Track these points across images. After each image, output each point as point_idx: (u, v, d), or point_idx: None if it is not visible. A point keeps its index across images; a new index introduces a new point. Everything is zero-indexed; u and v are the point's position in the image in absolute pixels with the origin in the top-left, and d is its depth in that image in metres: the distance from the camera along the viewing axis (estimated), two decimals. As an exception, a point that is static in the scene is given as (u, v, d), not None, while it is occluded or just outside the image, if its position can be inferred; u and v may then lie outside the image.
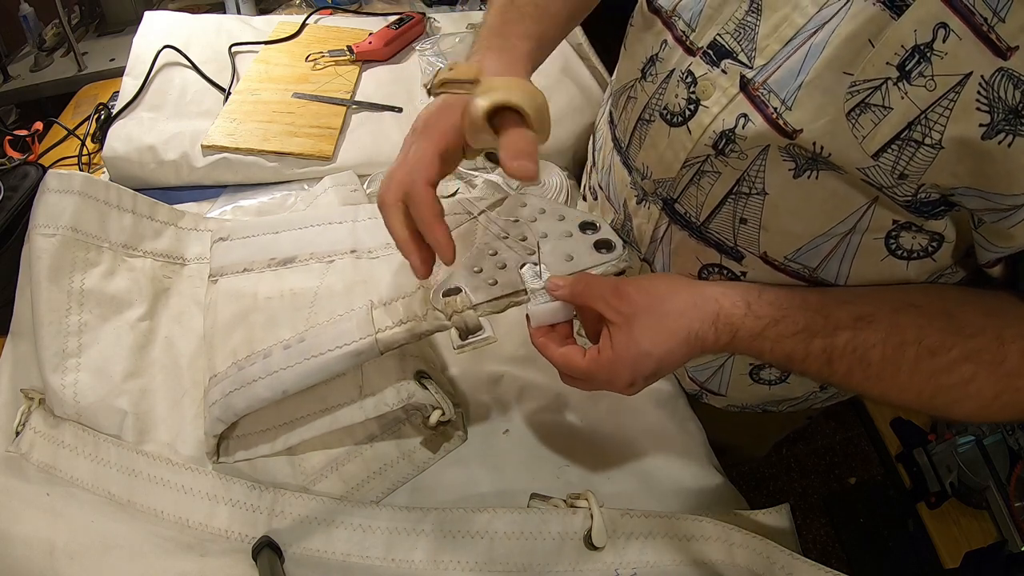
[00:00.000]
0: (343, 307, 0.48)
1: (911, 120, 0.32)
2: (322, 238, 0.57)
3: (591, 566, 0.44)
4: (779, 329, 0.40)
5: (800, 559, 0.42)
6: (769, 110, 0.37)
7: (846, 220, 0.40)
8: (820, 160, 0.37)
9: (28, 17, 1.07)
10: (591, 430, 0.54)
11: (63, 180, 0.55)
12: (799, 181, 0.39)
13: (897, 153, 0.34)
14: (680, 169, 0.45)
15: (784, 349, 0.40)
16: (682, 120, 0.44)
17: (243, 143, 0.73)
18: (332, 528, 0.45)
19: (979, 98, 0.30)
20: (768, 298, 0.41)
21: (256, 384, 0.45)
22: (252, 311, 0.51)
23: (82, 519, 0.44)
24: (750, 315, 0.41)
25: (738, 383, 0.57)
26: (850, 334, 0.39)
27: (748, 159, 0.40)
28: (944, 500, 0.88)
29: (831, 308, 0.40)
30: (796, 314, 0.40)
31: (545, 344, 0.44)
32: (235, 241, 0.58)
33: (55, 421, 0.48)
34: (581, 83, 0.90)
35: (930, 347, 0.37)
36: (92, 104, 0.85)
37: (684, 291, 0.43)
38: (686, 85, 0.43)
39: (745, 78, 0.39)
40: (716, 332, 0.41)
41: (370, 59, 0.90)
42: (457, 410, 0.51)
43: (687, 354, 0.41)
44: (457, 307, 0.44)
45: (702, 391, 0.60)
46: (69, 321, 0.51)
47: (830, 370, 0.40)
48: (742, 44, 0.39)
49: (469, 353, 0.58)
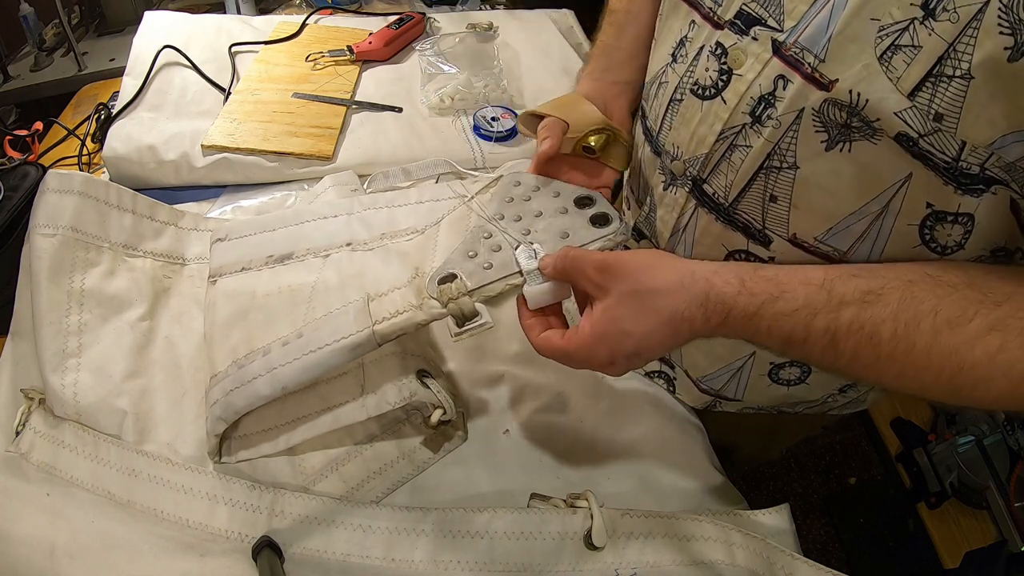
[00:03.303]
0: (339, 301, 0.48)
1: (940, 55, 0.32)
2: (318, 232, 0.57)
3: (591, 566, 0.44)
4: (777, 307, 0.37)
5: (800, 559, 0.42)
6: (805, 67, 0.37)
7: (879, 197, 0.38)
8: (855, 120, 0.36)
9: (28, 17, 1.07)
10: (591, 430, 0.54)
11: (63, 180, 0.55)
12: (831, 154, 0.38)
13: (932, 90, 0.33)
14: (714, 143, 0.44)
15: (783, 329, 0.37)
16: (715, 92, 0.43)
17: (243, 143, 0.73)
18: (332, 528, 0.45)
19: (1000, 21, 0.30)
20: (765, 274, 0.39)
21: (256, 382, 0.45)
22: (251, 310, 0.51)
23: (82, 519, 0.44)
24: (744, 293, 0.38)
25: (756, 385, 0.55)
26: (856, 309, 0.36)
27: (782, 128, 0.40)
28: (944, 500, 0.88)
29: (835, 283, 0.37)
30: (796, 290, 0.37)
31: (530, 327, 0.43)
32: (233, 241, 0.58)
33: (55, 421, 0.48)
34: (581, 83, 0.90)
35: (949, 318, 0.34)
36: (92, 104, 0.85)
37: (672, 269, 0.40)
38: (716, 57, 0.43)
39: (777, 41, 0.39)
40: (706, 313, 0.38)
41: (370, 59, 0.91)
42: (458, 410, 0.51)
43: (671, 336, 0.39)
44: (452, 294, 0.43)
45: (716, 400, 0.58)
46: (69, 321, 0.51)
47: (835, 352, 0.36)
48: (769, 10, 0.40)
49: (469, 352, 0.58)
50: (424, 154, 0.76)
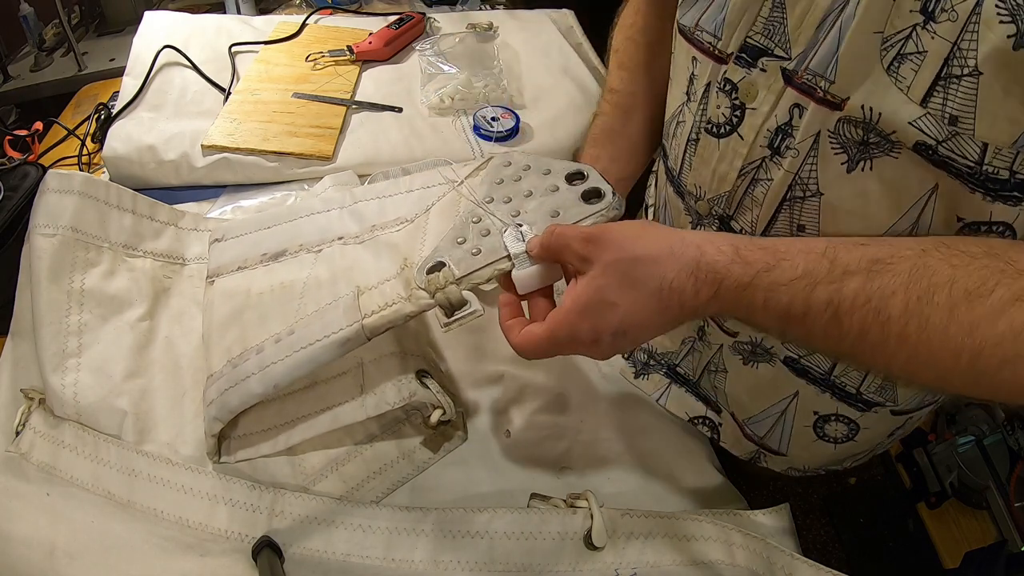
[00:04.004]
0: (330, 296, 0.47)
1: (946, 56, 0.32)
2: (311, 227, 0.56)
3: (591, 566, 0.44)
4: (773, 276, 0.34)
5: (800, 559, 0.42)
6: (818, 92, 0.37)
7: (907, 214, 0.37)
8: (872, 136, 0.36)
9: (28, 17, 1.07)
10: (591, 430, 0.54)
11: (63, 180, 0.55)
12: (853, 176, 0.37)
13: (943, 94, 0.32)
14: (736, 179, 0.44)
15: (780, 302, 0.34)
16: (730, 129, 0.43)
17: (243, 143, 0.73)
18: (332, 528, 0.45)
19: (999, 10, 0.30)
20: (762, 243, 0.36)
21: (249, 380, 0.45)
22: (245, 308, 0.51)
23: (82, 519, 0.44)
24: (738, 261, 0.35)
25: (800, 438, 0.52)
26: (862, 279, 0.32)
27: (800, 155, 0.39)
28: (944, 500, 0.88)
29: (839, 251, 0.34)
30: (795, 258, 0.34)
31: (510, 328, 0.40)
32: (229, 241, 0.58)
33: (55, 421, 0.48)
34: (581, 83, 0.90)
35: (967, 289, 0.30)
36: (92, 104, 0.85)
37: (661, 237, 0.37)
38: (726, 94, 0.42)
39: (787, 70, 0.39)
40: (696, 284, 0.35)
41: (370, 59, 0.91)
42: (457, 410, 0.51)
43: (660, 311, 0.36)
44: (440, 283, 0.42)
45: (759, 451, 0.56)
46: (69, 321, 0.51)
47: (839, 330, 0.33)
48: (775, 39, 0.39)
49: (469, 352, 0.58)
50: (424, 154, 0.76)
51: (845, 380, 0.48)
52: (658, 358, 0.59)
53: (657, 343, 0.60)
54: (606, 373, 0.59)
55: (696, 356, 0.57)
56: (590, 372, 0.58)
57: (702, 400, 0.58)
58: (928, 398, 0.51)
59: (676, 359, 0.58)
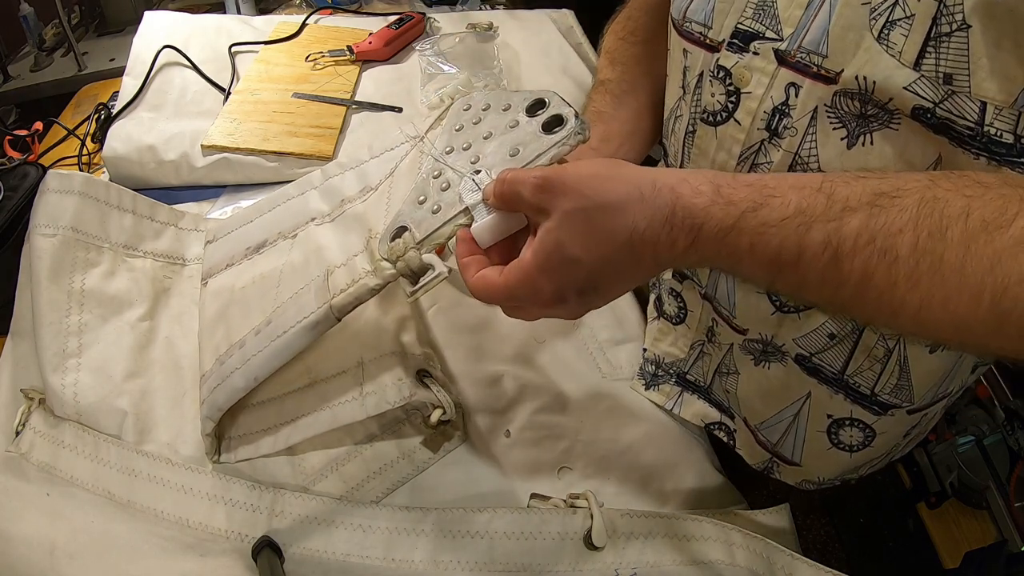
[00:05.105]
0: (303, 280, 0.46)
1: (934, 15, 0.31)
2: (287, 214, 0.56)
3: (591, 566, 0.44)
4: (761, 216, 0.30)
5: (800, 559, 0.42)
6: (813, 69, 0.37)
7: None
8: (869, 107, 0.35)
9: (28, 17, 1.07)
10: (591, 430, 0.54)
11: (63, 180, 0.55)
12: (854, 151, 0.36)
13: (935, 54, 0.32)
14: (735, 167, 0.43)
15: (769, 246, 0.30)
16: (726, 115, 0.43)
17: (243, 143, 0.73)
18: (332, 528, 0.45)
19: None
20: (747, 179, 0.32)
21: (233, 375, 0.45)
22: (230, 304, 0.51)
23: (82, 519, 0.44)
24: (719, 202, 0.31)
25: (814, 446, 0.50)
26: (864, 216, 0.28)
27: (799, 134, 0.39)
28: (944, 500, 0.88)
29: (836, 185, 0.30)
30: (786, 195, 0.30)
31: (466, 266, 0.37)
32: (219, 240, 0.58)
33: (55, 421, 0.48)
34: (581, 83, 0.90)
35: (984, 220, 0.26)
36: (92, 104, 0.86)
37: (627, 179, 0.33)
38: (720, 80, 0.42)
39: (780, 51, 0.39)
40: (672, 232, 0.31)
41: (370, 59, 0.91)
42: (457, 409, 0.51)
43: (632, 264, 0.33)
44: (400, 250, 0.39)
45: (772, 459, 0.53)
46: (69, 321, 0.51)
47: (839, 275, 0.29)
48: (765, 22, 0.39)
49: (469, 352, 0.58)
50: (424, 154, 0.76)
51: (859, 379, 0.46)
52: (667, 368, 0.58)
53: (665, 352, 0.58)
54: (606, 373, 0.59)
55: (706, 360, 0.56)
56: (590, 372, 0.58)
57: (715, 406, 0.57)
58: (942, 389, 0.48)
59: (685, 367, 0.58)
